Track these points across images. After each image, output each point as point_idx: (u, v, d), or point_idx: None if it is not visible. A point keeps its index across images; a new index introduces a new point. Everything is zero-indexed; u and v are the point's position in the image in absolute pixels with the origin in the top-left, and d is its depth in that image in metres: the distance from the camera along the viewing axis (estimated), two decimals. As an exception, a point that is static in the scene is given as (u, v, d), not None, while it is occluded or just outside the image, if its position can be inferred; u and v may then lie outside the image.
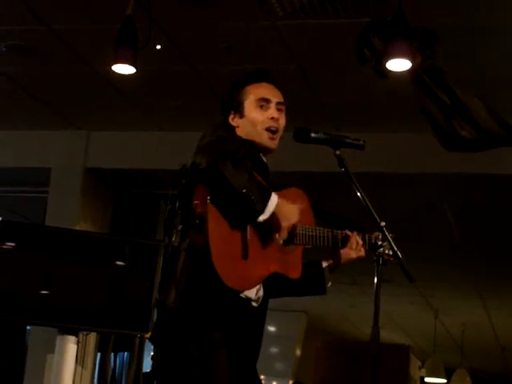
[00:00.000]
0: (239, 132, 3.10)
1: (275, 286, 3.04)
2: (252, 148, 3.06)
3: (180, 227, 2.89)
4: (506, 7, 4.64)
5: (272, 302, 3.13)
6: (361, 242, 3.17)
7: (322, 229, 3.11)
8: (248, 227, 2.87)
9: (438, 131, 4.86)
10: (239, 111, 3.11)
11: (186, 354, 2.81)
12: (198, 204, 2.79)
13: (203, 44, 5.40)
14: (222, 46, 5.37)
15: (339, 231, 3.17)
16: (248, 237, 2.87)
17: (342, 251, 3.19)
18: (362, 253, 3.17)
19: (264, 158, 3.12)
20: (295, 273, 3.06)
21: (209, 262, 2.76)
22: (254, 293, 2.95)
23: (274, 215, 2.83)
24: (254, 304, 2.97)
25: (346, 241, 3.18)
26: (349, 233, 3.18)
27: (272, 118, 3.08)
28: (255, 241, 2.90)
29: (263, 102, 3.10)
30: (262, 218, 2.81)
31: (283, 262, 3.00)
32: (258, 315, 3.03)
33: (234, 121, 3.12)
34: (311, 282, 3.24)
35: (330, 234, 3.12)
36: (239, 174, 2.78)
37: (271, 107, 3.10)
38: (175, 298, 2.83)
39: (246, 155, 2.91)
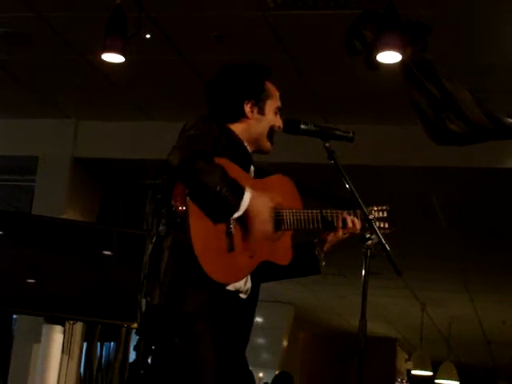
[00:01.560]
0: (247, 123, 3.12)
1: (267, 270, 3.05)
2: (235, 138, 3.08)
3: (162, 224, 2.89)
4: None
5: (259, 294, 3.12)
6: (357, 221, 3.14)
7: (309, 211, 3.10)
8: (232, 220, 2.86)
9: (427, 125, 4.85)
10: (261, 106, 3.14)
11: (170, 348, 2.82)
12: (177, 201, 2.80)
13: (193, 34, 5.38)
14: (212, 35, 5.35)
15: (329, 211, 3.15)
16: (233, 229, 2.87)
17: (334, 232, 3.18)
18: (357, 228, 3.15)
19: (249, 148, 3.13)
20: (285, 259, 3.08)
21: (193, 258, 2.77)
22: (242, 283, 2.96)
23: (248, 210, 2.85)
24: (243, 296, 2.97)
25: (338, 221, 3.15)
26: (343, 214, 3.15)
27: (279, 128, 3.16)
28: (240, 232, 2.90)
29: (278, 110, 3.19)
30: (236, 214, 2.84)
31: (272, 250, 3.01)
32: (248, 306, 3.03)
33: (251, 111, 3.13)
34: (305, 263, 3.25)
35: (318, 215, 3.11)
36: (211, 172, 2.79)
37: (279, 118, 3.18)
38: (159, 299, 2.84)
39: (225, 147, 2.94)
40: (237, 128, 3.12)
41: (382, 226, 3.19)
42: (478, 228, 8.25)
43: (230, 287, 2.91)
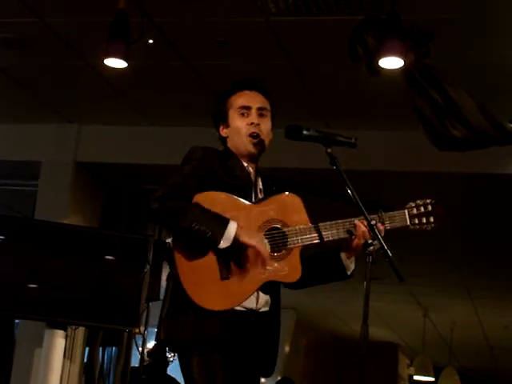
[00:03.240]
0: (229, 142, 3.21)
1: (287, 285, 3.12)
2: (235, 163, 3.14)
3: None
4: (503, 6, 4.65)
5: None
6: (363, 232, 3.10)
7: (315, 226, 3.09)
8: (222, 251, 2.91)
9: (429, 130, 4.85)
10: (225, 122, 3.22)
11: (187, 365, 2.95)
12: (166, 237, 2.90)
13: (196, 39, 5.39)
14: (214, 41, 5.35)
15: (328, 224, 3.12)
16: (224, 259, 2.92)
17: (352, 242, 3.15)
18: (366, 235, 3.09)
19: (251, 169, 3.18)
20: (291, 277, 3.08)
21: (185, 292, 2.88)
22: (254, 303, 3.00)
23: (236, 238, 2.89)
24: (264, 309, 3.03)
25: (345, 232, 3.13)
26: (357, 222, 3.10)
27: (252, 124, 3.15)
28: (236, 259, 2.94)
29: (244, 110, 3.19)
30: (223, 245, 2.88)
31: (275, 270, 3.02)
32: (269, 317, 3.07)
33: (223, 132, 3.24)
34: (331, 270, 3.24)
35: (318, 229, 3.10)
36: (186, 211, 2.89)
37: (252, 114, 3.18)
38: (160, 335, 3.00)
39: (223, 177, 3.03)
40: (230, 147, 3.21)
41: (424, 221, 3.18)
42: (481, 234, 8.24)
43: (241, 308, 2.95)
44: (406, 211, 3.22)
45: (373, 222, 2.95)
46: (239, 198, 3.04)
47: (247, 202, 3.07)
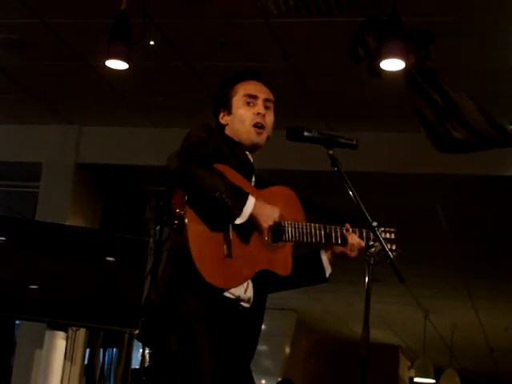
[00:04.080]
0: (228, 130, 3.13)
1: (272, 281, 3.04)
2: (237, 147, 3.08)
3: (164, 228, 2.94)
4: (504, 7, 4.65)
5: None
6: (357, 243, 3.13)
7: (312, 225, 3.09)
8: (230, 227, 2.86)
9: (430, 132, 4.85)
10: (228, 108, 3.14)
11: (167, 350, 2.83)
12: (175, 206, 2.81)
13: (197, 40, 5.39)
14: (215, 42, 5.35)
15: (333, 227, 3.15)
16: (231, 236, 2.86)
17: (338, 248, 3.16)
18: (362, 245, 3.12)
19: (250, 157, 3.13)
20: (284, 270, 3.05)
21: (190, 262, 2.76)
22: (242, 291, 2.94)
23: (253, 216, 2.84)
24: (245, 305, 2.96)
25: (342, 238, 3.14)
26: (346, 233, 3.13)
27: (258, 114, 3.10)
28: (239, 240, 2.89)
29: (250, 99, 3.12)
30: (238, 221, 2.82)
31: (271, 260, 2.99)
32: (252, 316, 3.01)
33: (223, 119, 3.16)
34: (311, 272, 3.23)
35: (321, 230, 3.10)
36: (211, 177, 2.79)
37: (258, 104, 3.12)
38: (155, 298, 2.90)
39: (228, 155, 2.95)
40: (229, 134, 3.14)
41: (389, 247, 3.19)
42: (481, 235, 8.24)
43: (229, 294, 2.90)
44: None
45: (374, 224, 2.95)
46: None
47: (251, 185, 3.03)
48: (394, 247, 3.20)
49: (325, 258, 3.20)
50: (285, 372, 13.66)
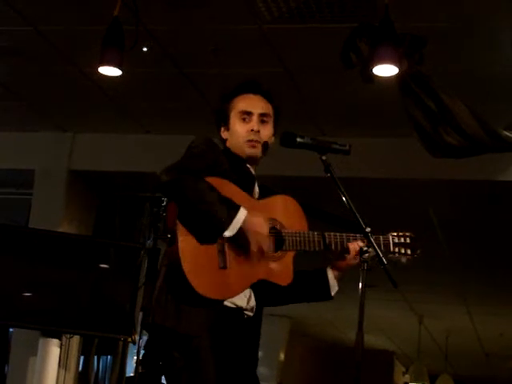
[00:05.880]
0: (229, 144, 3.16)
1: (271, 292, 3.04)
2: (237, 160, 3.09)
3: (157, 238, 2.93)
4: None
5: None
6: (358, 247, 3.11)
7: (312, 233, 3.08)
8: (224, 238, 2.85)
9: (424, 137, 4.85)
10: (227, 124, 3.17)
11: (171, 365, 2.84)
12: (168, 218, 2.82)
13: (190, 46, 5.39)
14: (209, 48, 5.35)
15: (332, 234, 3.13)
16: (226, 247, 2.86)
17: (343, 262, 3.14)
18: (357, 260, 3.10)
19: (252, 169, 3.14)
20: (284, 280, 3.04)
21: (181, 274, 2.77)
22: (244, 301, 2.94)
23: (243, 229, 2.82)
24: (249, 313, 2.97)
25: (342, 245, 3.11)
26: (347, 242, 3.10)
27: (252, 131, 3.11)
28: (235, 251, 2.89)
29: (245, 115, 3.14)
30: (227, 233, 2.81)
31: (270, 270, 2.98)
32: (253, 324, 3.02)
33: (223, 134, 3.19)
34: (316, 289, 3.22)
35: (320, 237, 3.08)
36: (200, 190, 2.80)
37: (253, 119, 3.13)
38: (156, 316, 2.88)
39: (227, 169, 2.96)
40: (230, 148, 3.16)
41: (403, 251, 3.18)
42: (476, 240, 8.25)
43: (230, 304, 2.90)
44: (391, 237, 3.21)
45: (368, 230, 2.94)
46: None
47: (251, 197, 3.04)
48: (409, 251, 3.22)
49: (331, 275, 3.19)
50: (280, 378, 13.64)
